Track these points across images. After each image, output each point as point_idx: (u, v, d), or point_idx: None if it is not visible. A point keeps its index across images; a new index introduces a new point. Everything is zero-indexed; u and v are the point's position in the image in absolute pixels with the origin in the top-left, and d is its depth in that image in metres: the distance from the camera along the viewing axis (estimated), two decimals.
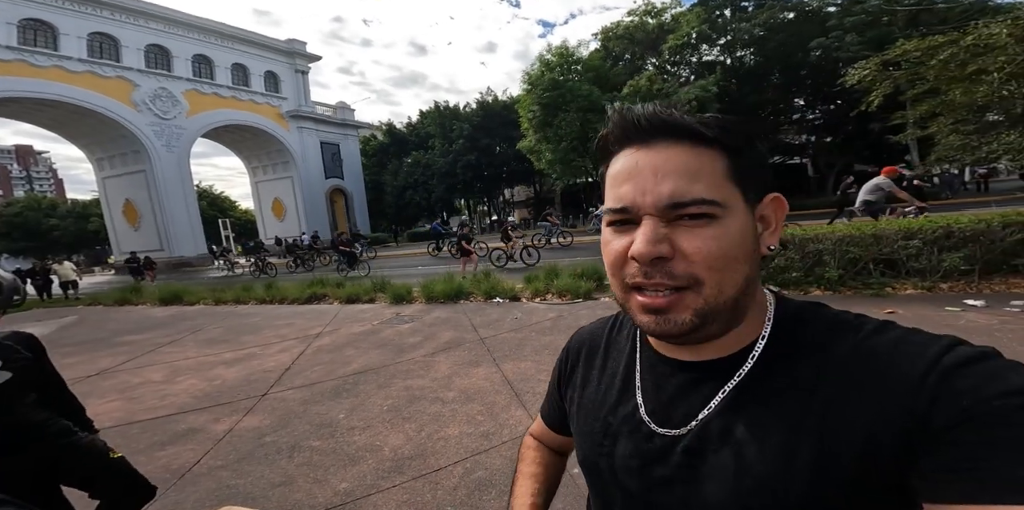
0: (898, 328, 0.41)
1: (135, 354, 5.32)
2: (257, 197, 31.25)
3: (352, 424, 2.95)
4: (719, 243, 0.39)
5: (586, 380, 0.57)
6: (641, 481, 0.46)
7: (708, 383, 0.44)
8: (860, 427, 0.37)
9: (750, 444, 0.40)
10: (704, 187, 0.39)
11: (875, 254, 4.57)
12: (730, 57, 22.49)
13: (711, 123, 0.41)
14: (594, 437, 0.52)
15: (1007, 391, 0.33)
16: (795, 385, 0.40)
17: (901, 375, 0.36)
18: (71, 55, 19.21)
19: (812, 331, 0.43)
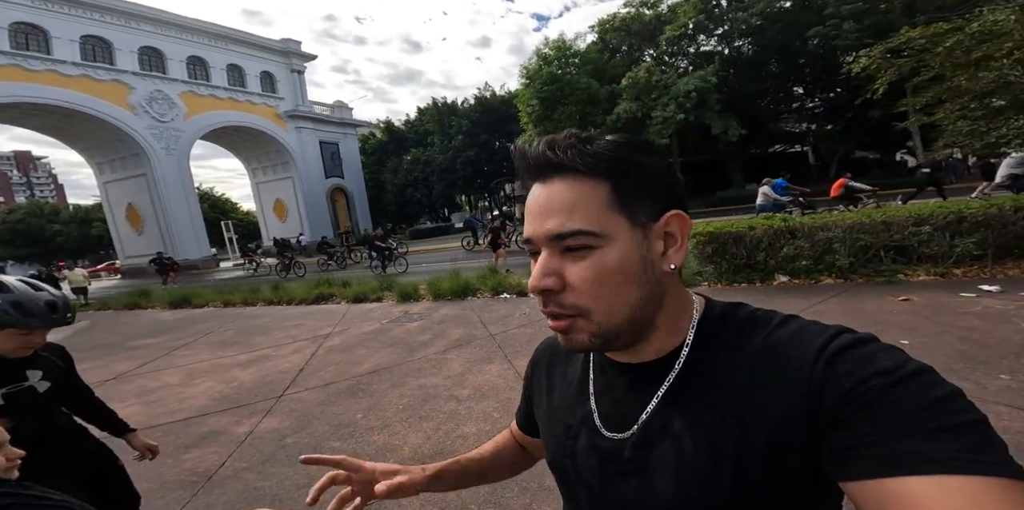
0: (798, 321, 0.44)
1: (150, 358, 5.38)
2: (258, 198, 31.22)
3: (370, 424, 2.98)
4: (598, 272, 0.42)
5: (551, 387, 0.61)
6: (600, 477, 0.49)
7: (647, 384, 0.48)
8: (771, 415, 0.40)
9: (685, 438, 0.44)
10: (581, 218, 0.42)
11: (886, 241, 4.55)
12: (728, 47, 22.30)
13: (594, 154, 0.42)
14: (559, 439, 0.55)
15: (877, 371, 0.36)
16: (717, 381, 0.44)
17: (796, 364, 0.40)
18: (65, 59, 19.09)
19: (729, 330, 0.46)
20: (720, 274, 5.34)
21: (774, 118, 22.96)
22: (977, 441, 0.32)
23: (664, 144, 20.81)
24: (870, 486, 0.33)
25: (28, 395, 1.37)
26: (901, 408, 0.34)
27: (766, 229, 5.07)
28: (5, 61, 17.45)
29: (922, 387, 0.35)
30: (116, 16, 20.81)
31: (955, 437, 0.32)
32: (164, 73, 22.48)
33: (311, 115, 29.49)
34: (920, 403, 0.34)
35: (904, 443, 0.32)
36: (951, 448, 0.31)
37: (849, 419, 0.35)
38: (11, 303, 1.29)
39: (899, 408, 0.34)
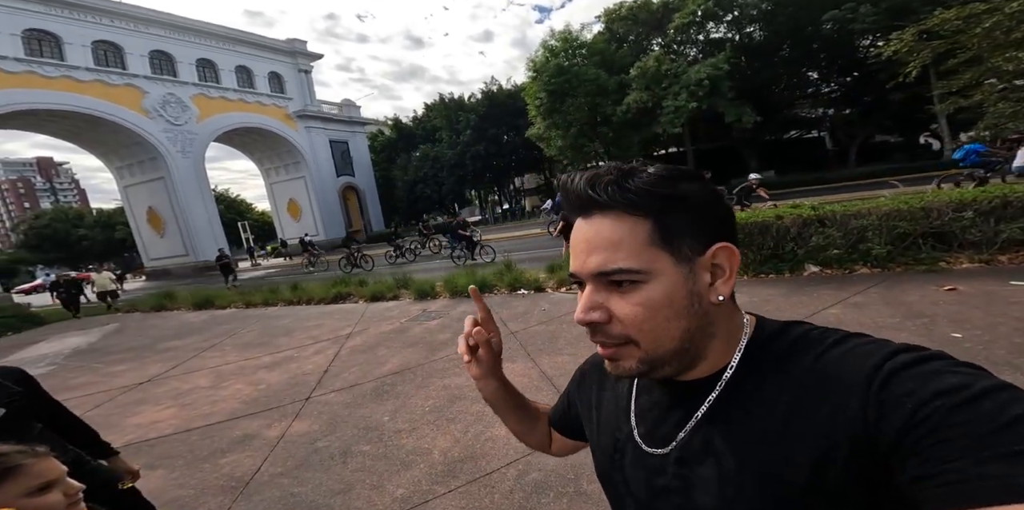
0: (856, 339, 0.43)
1: (180, 360, 5.47)
2: (272, 198, 31.62)
3: (398, 427, 2.96)
4: (645, 308, 0.43)
5: (600, 401, 0.63)
6: (647, 491, 0.51)
7: (689, 402, 0.49)
8: (817, 435, 0.39)
9: (727, 457, 0.44)
10: (625, 256, 0.43)
11: (925, 228, 4.34)
12: (738, 34, 21.69)
13: (636, 190, 0.42)
14: (607, 452, 0.57)
15: (940, 391, 0.34)
16: (761, 403, 0.44)
17: (847, 385, 0.39)
18: (78, 64, 19.40)
19: (777, 351, 0.46)
20: (746, 265, 5.18)
21: (789, 104, 22.35)
22: None
23: (676, 133, 20.39)
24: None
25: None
26: (975, 430, 0.32)
27: (794, 218, 4.89)
28: (21, 68, 17.80)
29: (998, 405, 0.32)
30: (125, 20, 21.06)
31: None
32: (175, 76, 22.74)
33: (320, 114, 29.62)
34: (997, 423, 0.32)
35: (984, 468, 0.31)
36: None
37: (917, 445, 0.34)
38: None
39: (969, 431, 0.32)
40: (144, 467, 2.79)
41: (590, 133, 21.54)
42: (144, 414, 3.77)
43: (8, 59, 17.47)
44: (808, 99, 22.24)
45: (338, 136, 31.16)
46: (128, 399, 4.24)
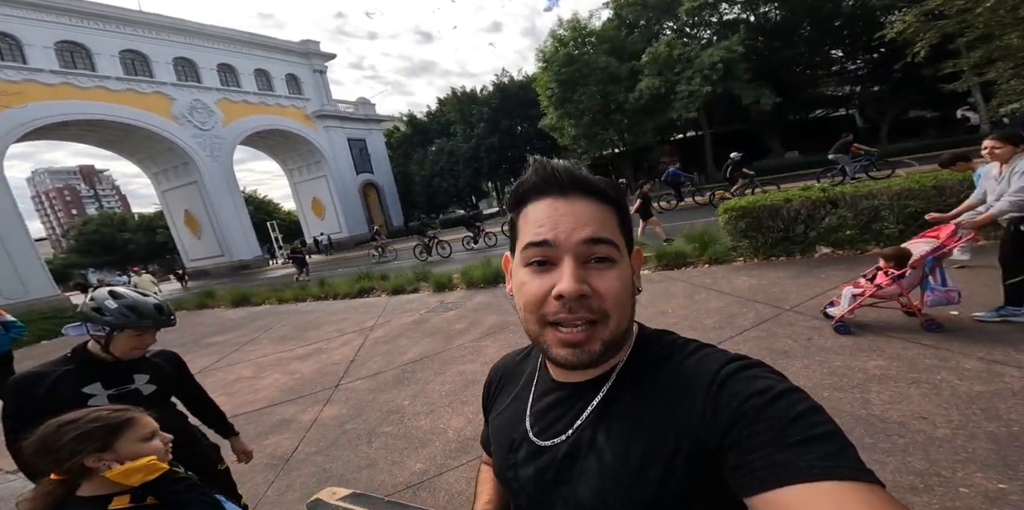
0: (706, 350, 0.50)
1: (224, 353, 5.93)
2: (297, 198, 32.59)
3: (416, 410, 3.22)
4: (620, 283, 0.48)
5: (500, 405, 0.67)
6: (536, 485, 0.54)
7: (581, 400, 0.53)
8: (670, 433, 0.45)
9: (606, 450, 0.48)
10: (609, 232, 0.48)
11: (938, 206, 4.25)
12: (753, 14, 20.78)
13: (610, 185, 0.50)
14: (503, 452, 0.60)
15: (755, 391, 0.41)
16: (638, 400, 0.49)
17: (696, 387, 0.45)
18: (109, 74, 20.27)
19: (654, 355, 0.52)
20: (756, 249, 5.19)
21: (813, 83, 21.36)
22: (831, 450, 0.36)
23: (692, 117, 19.85)
24: (761, 500, 0.37)
25: (132, 397, 1.44)
26: (772, 424, 0.38)
27: (803, 200, 4.87)
28: (57, 80, 18.75)
29: (788, 404, 0.40)
30: (147, 29, 21.82)
31: (814, 448, 0.36)
32: (199, 82, 23.54)
33: (337, 114, 30.16)
34: (787, 418, 0.38)
35: (776, 456, 0.37)
36: (811, 458, 0.36)
37: (738, 438, 0.40)
38: (127, 307, 1.40)
39: (770, 425, 0.39)
40: None
41: (603, 121, 21.24)
42: None
43: (44, 71, 18.40)
44: (833, 77, 21.21)
45: (355, 134, 31.72)
46: None
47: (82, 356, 1.42)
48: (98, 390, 1.39)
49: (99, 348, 1.41)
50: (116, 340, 1.39)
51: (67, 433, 0.90)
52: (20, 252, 16.33)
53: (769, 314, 3.54)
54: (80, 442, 0.90)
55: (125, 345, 1.41)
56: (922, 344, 2.65)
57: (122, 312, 1.38)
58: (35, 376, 1.33)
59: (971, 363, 2.36)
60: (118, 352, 1.41)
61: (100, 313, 1.37)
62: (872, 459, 1.82)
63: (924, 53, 4.83)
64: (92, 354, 1.42)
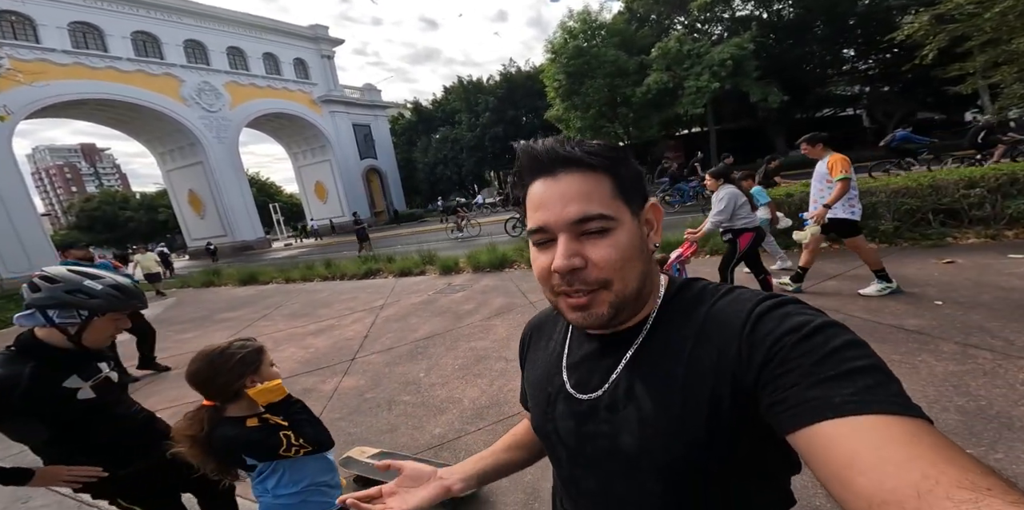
0: (737, 291, 0.51)
1: (238, 328, 6.13)
2: (301, 181, 32.68)
3: (432, 381, 3.41)
4: (617, 250, 0.48)
5: (535, 360, 0.67)
6: (577, 438, 0.55)
7: (615, 352, 0.54)
8: (709, 374, 0.45)
9: (645, 399, 0.49)
10: (598, 205, 0.48)
11: (934, 204, 4.44)
12: (766, 11, 20.65)
13: (595, 152, 0.49)
14: (541, 406, 0.61)
15: (790, 328, 0.41)
16: (672, 348, 0.50)
17: (730, 327, 0.46)
18: (120, 55, 20.34)
19: (684, 303, 0.53)
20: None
21: (821, 82, 21.29)
22: (869, 383, 0.35)
23: (699, 113, 19.86)
24: (799, 437, 0.36)
25: (107, 385, 1.34)
26: (805, 361, 0.38)
27: (803, 195, 5.03)
28: (70, 60, 18.82)
29: (825, 339, 0.39)
30: (160, 10, 21.77)
31: (851, 382, 0.35)
32: (208, 64, 23.51)
33: (343, 99, 30.07)
34: (821, 353, 0.38)
35: (810, 392, 0.36)
36: (847, 393, 0.35)
37: (771, 375, 0.39)
38: (114, 287, 1.26)
39: (806, 361, 0.38)
40: None
41: (610, 114, 21.24)
42: None
43: (57, 52, 18.48)
44: (844, 77, 21.15)
45: (360, 120, 31.65)
46: None
47: (38, 349, 1.22)
48: (79, 383, 1.25)
49: (63, 338, 1.23)
50: (92, 327, 1.24)
51: (229, 359, 1.11)
52: (26, 227, 16.49)
53: None
54: (243, 365, 1.12)
55: (103, 331, 1.27)
56: (906, 329, 2.86)
57: (110, 293, 1.23)
58: (5, 380, 1.14)
59: (948, 346, 2.57)
60: (91, 340, 1.25)
61: (81, 295, 1.21)
62: None
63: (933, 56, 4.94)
64: (50, 345, 1.23)
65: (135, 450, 1.41)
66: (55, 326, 1.21)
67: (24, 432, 1.25)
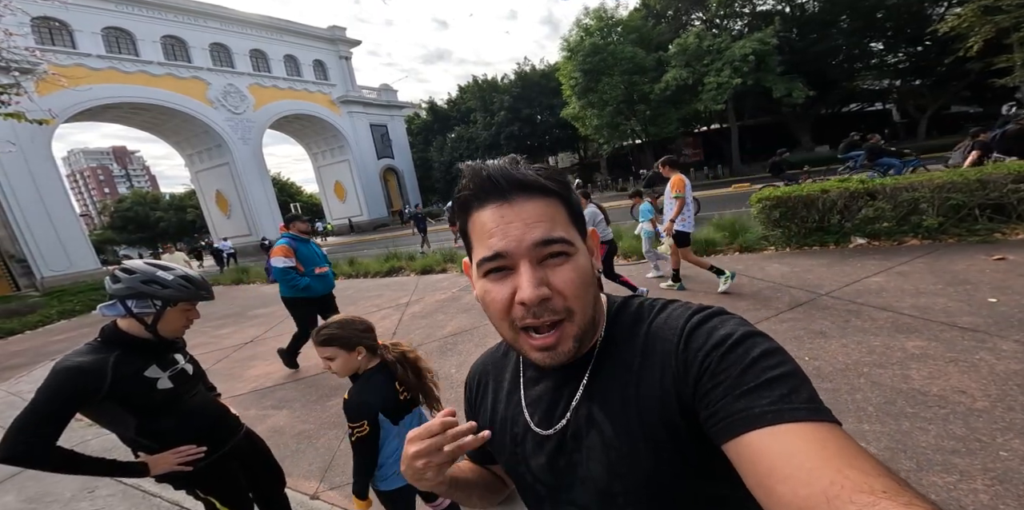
0: (671, 306, 0.51)
1: (270, 325, 6.27)
2: (320, 181, 33.31)
3: (463, 377, 3.42)
4: (577, 275, 0.47)
5: (495, 402, 0.64)
6: (551, 473, 0.54)
7: (572, 380, 0.53)
8: (656, 394, 0.45)
9: (605, 423, 0.49)
10: (561, 229, 0.47)
11: (981, 199, 4.27)
12: (789, 5, 20.17)
13: (551, 177, 0.49)
14: (508, 448, 0.59)
15: (716, 342, 0.42)
16: (621, 368, 0.49)
17: (668, 343, 0.46)
18: (151, 59, 21.07)
19: (626, 322, 0.52)
20: (789, 238, 5.25)
21: (848, 76, 20.65)
22: (784, 392, 0.37)
23: (719, 109, 19.50)
24: (730, 447, 0.38)
25: (183, 377, 1.40)
26: (731, 372, 0.40)
27: (841, 191, 4.89)
28: (104, 65, 19.55)
29: (745, 350, 0.40)
30: (186, 15, 22.44)
31: (769, 390, 0.37)
32: (233, 67, 24.14)
33: (361, 99, 30.51)
34: (742, 365, 0.39)
35: (737, 403, 0.38)
36: (764, 403, 0.37)
37: (704, 389, 0.41)
38: (183, 278, 1.32)
39: (730, 373, 0.40)
40: (271, 407, 3.47)
41: (627, 112, 21.06)
42: (258, 368, 4.49)
43: (92, 56, 19.22)
44: (872, 71, 20.48)
45: (378, 120, 32.08)
46: (241, 356, 4.99)
47: (121, 339, 1.30)
48: (158, 373, 1.32)
49: (141, 328, 1.29)
50: (166, 317, 1.30)
51: (359, 324, 1.48)
52: (65, 226, 17.20)
53: (805, 298, 3.64)
54: (366, 330, 1.49)
55: (176, 321, 1.33)
56: (960, 327, 2.75)
57: (180, 283, 1.30)
58: (92, 366, 1.21)
59: (1008, 344, 2.46)
60: (166, 330, 1.33)
61: (155, 286, 1.27)
62: (914, 426, 1.96)
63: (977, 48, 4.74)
64: (131, 335, 1.30)
65: (212, 442, 1.46)
66: (133, 316, 1.28)
67: (114, 419, 1.32)
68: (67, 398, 1.18)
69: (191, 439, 1.41)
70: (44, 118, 6.58)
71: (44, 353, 6.68)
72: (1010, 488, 1.55)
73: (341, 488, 2.32)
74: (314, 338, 1.40)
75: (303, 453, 2.71)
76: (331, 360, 1.38)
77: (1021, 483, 1.57)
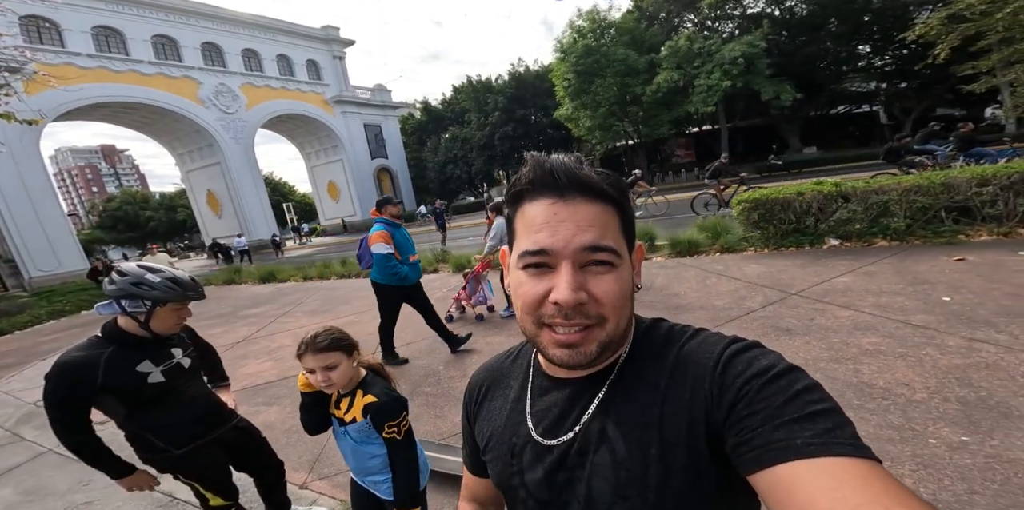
0: (705, 333, 0.51)
1: (262, 324, 6.35)
2: (314, 181, 33.26)
3: (451, 374, 3.57)
4: (619, 287, 0.46)
5: (491, 410, 0.62)
6: (548, 489, 0.52)
7: (586, 393, 0.52)
8: (683, 416, 0.44)
9: (619, 440, 0.47)
10: (611, 237, 0.47)
11: (946, 202, 4.47)
12: (778, 8, 20.50)
13: (612, 183, 0.48)
14: (504, 459, 0.57)
15: (757, 371, 0.42)
16: (644, 389, 0.48)
17: (702, 367, 0.46)
18: (142, 58, 20.96)
19: (653, 343, 0.52)
20: (767, 239, 5.44)
21: (836, 79, 21.06)
22: (829, 426, 0.37)
23: (710, 111, 19.78)
24: (761, 477, 0.37)
25: (178, 370, 1.51)
26: (772, 402, 0.39)
27: (815, 194, 5.08)
28: (94, 64, 19.42)
29: (788, 382, 0.40)
30: (178, 14, 22.35)
31: (812, 424, 0.37)
32: (225, 66, 24.06)
33: (355, 99, 30.52)
34: (786, 396, 0.39)
35: (775, 434, 0.37)
36: (808, 435, 0.36)
37: (738, 417, 0.40)
38: (170, 279, 1.41)
39: (771, 403, 0.39)
40: (262, 404, 3.58)
41: (619, 113, 21.28)
42: (250, 366, 4.57)
43: (82, 55, 19.09)
44: (859, 73, 20.89)
45: (371, 120, 32.09)
46: (233, 354, 5.06)
47: (119, 335, 1.41)
48: (150, 368, 1.43)
49: (136, 325, 1.41)
50: (157, 315, 1.40)
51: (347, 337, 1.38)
52: (53, 226, 17.08)
53: (776, 297, 3.82)
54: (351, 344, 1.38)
55: (168, 320, 1.43)
56: (913, 325, 2.94)
57: (167, 285, 1.39)
58: (85, 360, 1.33)
59: (954, 340, 2.64)
60: (159, 327, 1.43)
61: (144, 287, 1.36)
62: (857, 417, 2.13)
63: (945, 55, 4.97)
64: (128, 332, 1.42)
65: (197, 432, 1.58)
66: (127, 314, 1.40)
67: (108, 409, 1.46)
68: (65, 390, 1.33)
69: (173, 427, 1.52)
70: (33, 118, 6.61)
71: (34, 353, 6.72)
72: (932, 473, 1.72)
73: (329, 478, 2.45)
74: (312, 346, 1.29)
75: (293, 446, 2.83)
76: (332, 369, 1.28)
77: (943, 468, 1.73)
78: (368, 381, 1.39)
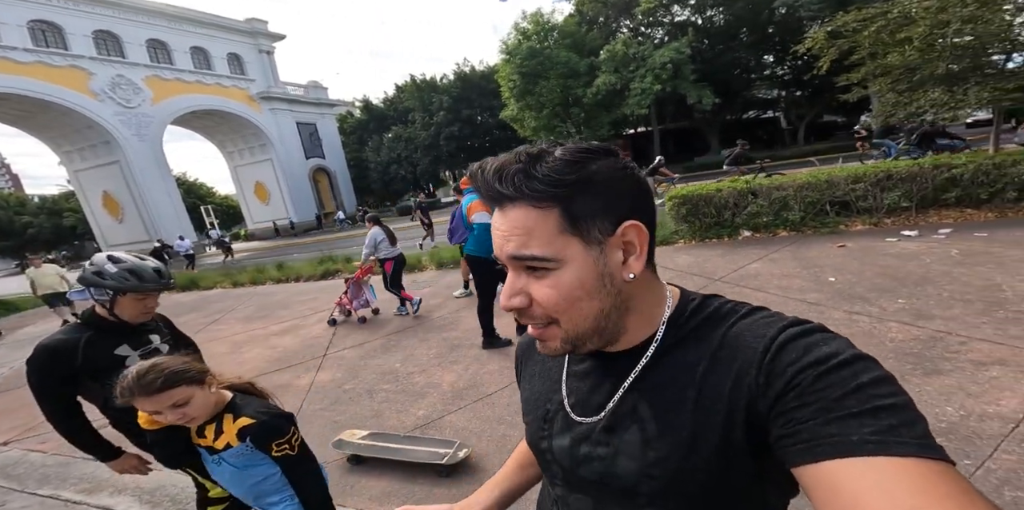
0: (759, 312, 0.47)
1: (191, 333, 5.78)
2: (238, 182, 30.67)
3: (410, 370, 3.59)
4: (557, 291, 0.44)
5: (531, 375, 0.64)
6: (571, 458, 0.53)
7: (618, 371, 0.50)
8: (723, 399, 0.42)
9: (650, 421, 0.46)
10: (537, 244, 0.43)
11: (830, 197, 5.28)
12: (701, 17, 22.37)
13: (536, 180, 0.42)
14: (537, 422, 0.58)
15: (814, 360, 0.38)
16: (683, 370, 0.46)
17: (749, 352, 0.42)
18: (15, 45, 18.13)
19: (698, 323, 0.48)
20: (694, 232, 6.04)
21: (747, 86, 23.38)
22: (893, 423, 0.33)
23: (644, 114, 21.16)
24: (807, 471, 0.35)
25: (157, 356, 1.47)
26: (828, 394, 0.36)
27: (731, 190, 5.74)
28: None
29: (852, 373, 0.36)
30: None
31: (874, 420, 0.34)
32: (124, 57, 21.46)
33: (285, 96, 28.64)
34: (846, 389, 0.36)
35: (828, 428, 0.34)
36: (867, 431, 0.33)
37: (786, 407, 0.38)
38: (127, 270, 1.41)
39: (826, 394, 0.36)
40: None
41: (562, 114, 22.03)
42: None
43: None
44: (765, 81, 23.36)
45: (306, 118, 30.31)
46: None
47: (96, 321, 1.46)
48: (128, 351, 1.47)
49: (106, 312, 1.45)
50: (120, 304, 1.43)
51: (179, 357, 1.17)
52: None
53: (703, 284, 4.30)
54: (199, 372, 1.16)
55: (132, 309, 1.45)
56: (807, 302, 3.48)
57: (123, 276, 1.41)
58: (64, 344, 1.39)
59: (838, 314, 3.19)
60: (125, 316, 1.46)
61: (101, 277, 1.39)
62: None
63: (827, 67, 5.85)
64: (103, 318, 1.46)
65: None
66: (95, 301, 1.45)
67: (90, 394, 1.48)
68: (46, 373, 1.39)
69: None
70: None
71: None
72: None
73: None
74: (144, 390, 1.05)
75: None
76: (183, 405, 1.09)
77: None
78: (237, 403, 1.22)
